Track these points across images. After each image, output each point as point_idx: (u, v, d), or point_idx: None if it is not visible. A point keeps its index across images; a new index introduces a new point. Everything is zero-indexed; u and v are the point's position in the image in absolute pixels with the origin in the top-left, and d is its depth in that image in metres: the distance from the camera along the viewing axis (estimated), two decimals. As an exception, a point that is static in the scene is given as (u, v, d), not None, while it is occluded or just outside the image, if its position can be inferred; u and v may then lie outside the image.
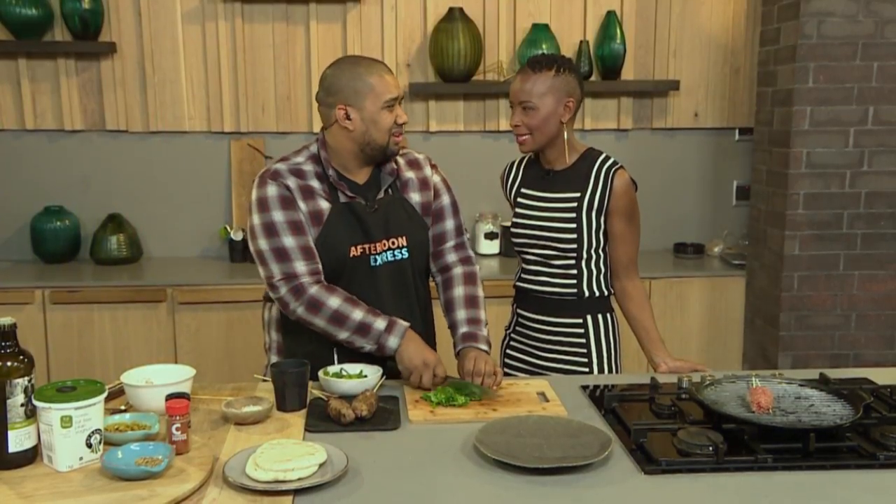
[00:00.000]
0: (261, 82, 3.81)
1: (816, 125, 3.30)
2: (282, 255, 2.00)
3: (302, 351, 2.08)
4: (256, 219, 2.03)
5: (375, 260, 2.08)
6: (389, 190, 2.12)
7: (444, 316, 2.18)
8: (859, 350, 3.46)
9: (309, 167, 2.08)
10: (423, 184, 2.18)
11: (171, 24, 3.73)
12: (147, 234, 3.87)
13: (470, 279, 2.19)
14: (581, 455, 1.54)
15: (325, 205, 2.05)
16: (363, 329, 1.98)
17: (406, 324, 2.00)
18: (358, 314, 1.98)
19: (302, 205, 2.03)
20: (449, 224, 2.21)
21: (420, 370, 1.94)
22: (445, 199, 2.22)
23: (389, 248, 2.09)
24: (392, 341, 1.97)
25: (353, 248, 2.05)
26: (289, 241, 2.00)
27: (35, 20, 3.56)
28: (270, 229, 2.01)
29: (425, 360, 1.95)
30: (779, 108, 3.41)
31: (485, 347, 2.06)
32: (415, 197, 2.15)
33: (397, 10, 3.80)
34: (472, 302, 2.15)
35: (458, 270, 2.20)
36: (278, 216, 2.01)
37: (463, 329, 2.10)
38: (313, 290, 1.99)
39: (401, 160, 2.18)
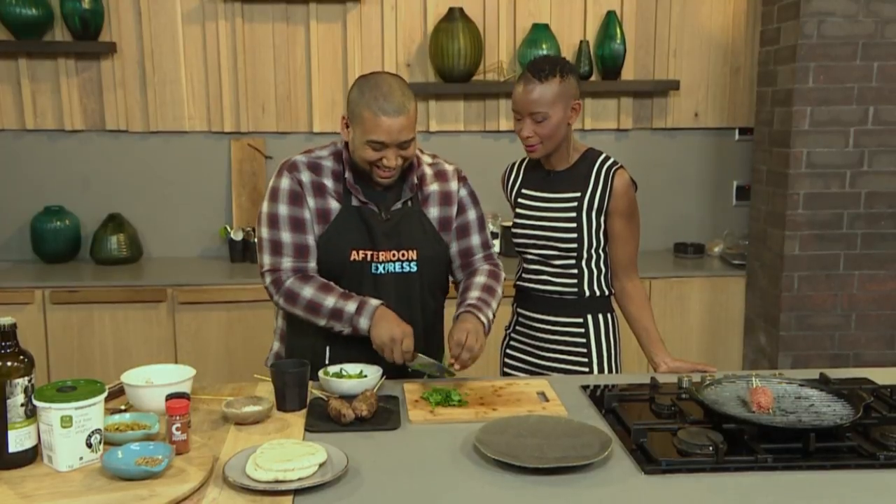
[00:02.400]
0: (261, 82, 3.81)
1: (816, 125, 3.30)
2: (276, 248, 2.06)
3: (299, 344, 2.12)
4: (265, 207, 2.09)
5: (377, 268, 2.07)
6: (410, 202, 2.11)
7: (458, 297, 2.17)
8: (859, 350, 3.46)
9: (329, 163, 2.10)
10: (446, 198, 2.16)
11: (171, 24, 3.73)
12: (147, 234, 3.87)
13: (494, 276, 2.20)
14: (581, 455, 1.54)
15: (334, 205, 2.07)
16: (337, 314, 2.00)
17: (377, 302, 2.00)
18: (330, 301, 2.00)
19: (310, 201, 2.06)
20: (475, 239, 2.22)
21: (389, 346, 1.95)
22: (471, 215, 2.21)
23: (398, 260, 2.08)
24: (363, 322, 1.98)
25: (354, 252, 2.06)
26: (286, 236, 2.05)
27: (35, 20, 3.56)
28: (273, 221, 2.06)
29: (392, 336, 1.94)
30: (779, 108, 3.41)
31: (484, 321, 2.04)
32: (433, 212, 2.14)
33: (397, 10, 3.80)
34: (488, 290, 2.14)
35: (485, 267, 2.22)
36: (283, 210, 2.06)
37: (471, 301, 2.08)
38: (288, 282, 2.04)
39: (428, 171, 2.16)
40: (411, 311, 2.09)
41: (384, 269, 2.08)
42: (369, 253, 2.06)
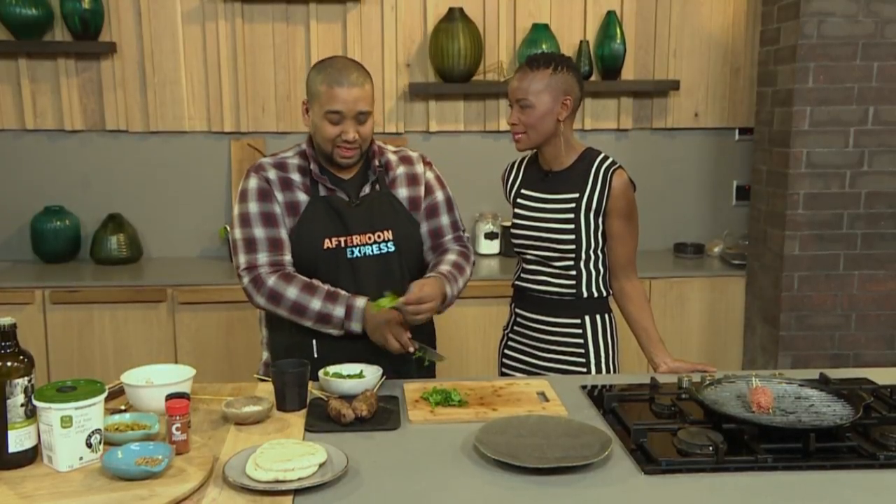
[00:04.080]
0: (261, 82, 3.81)
1: (816, 125, 3.30)
2: (250, 245, 2.08)
3: (284, 345, 2.13)
4: (236, 209, 2.12)
5: (352, 252, 2.09)
6: (377, 185, 2.14)
7: (428, 271, 2.18)
8: (859, 350, 3.45)
9: (294, 161, 2.14)
10: (413, 179, 2.20)
11: (171, 24, 3.73)
12: (147, 234, 3.87)
13: (464, 256, 2.23)
14: (581, 455, 1.54)
15: (302, 197, 2.10)
16: (324, 318, 2.03)
17: (362, 303, 2.02)
18: (316, 304, 2.02)
19: (279, 195, 2.09)
20: (444, 219, 2.24)
21: (389, 341, 2.00)
22: (439, 196, 2.24)
23: (375, 242, 2.11)
24: (355, 326, 2.02)
25: (327, 241, 2.08)
26: (259, 231, 2.07)
27: (35, 20, 3.56)
28: (245, 220, 2.09)
29: (384, 334, 1.99)
30: (779, 108, 3.41)
31: (448, 292, 2.06)
32: (402, 192, 2.18)
33: (397, 10, 3.80)
34: (457, 268, 2.16)
35: (455, 247, 2.24)
36: (253, 207, 2.08)
37: (441, 270, 2.10)
38: (271, 281, 2.04)
39: (392, 157, 2.20)
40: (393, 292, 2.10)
41: (360, 252, 2.09)
42: (343, 239, 2.09)
